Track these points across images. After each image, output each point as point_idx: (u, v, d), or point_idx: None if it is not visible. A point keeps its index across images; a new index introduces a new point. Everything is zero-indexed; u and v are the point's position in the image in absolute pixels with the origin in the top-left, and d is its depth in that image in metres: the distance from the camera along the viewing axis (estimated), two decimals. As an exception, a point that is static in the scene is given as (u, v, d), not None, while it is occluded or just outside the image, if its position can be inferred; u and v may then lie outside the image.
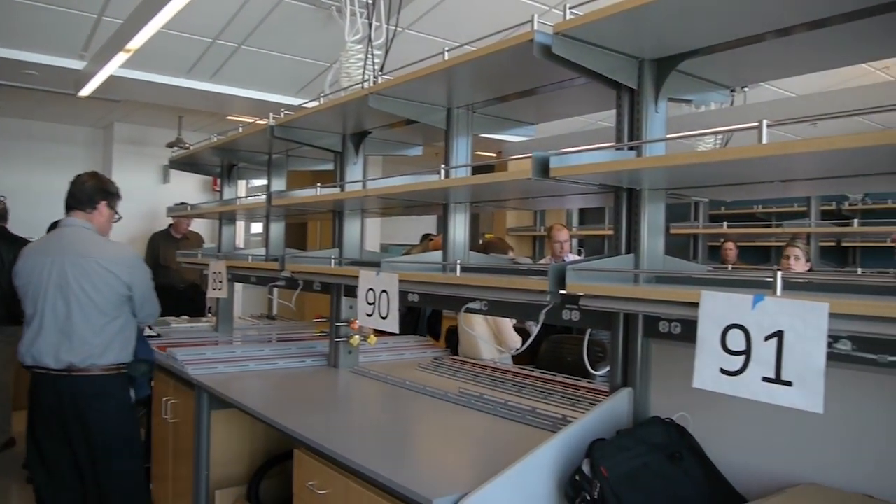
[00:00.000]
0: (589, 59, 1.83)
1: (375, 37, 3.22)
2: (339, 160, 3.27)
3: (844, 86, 5.41)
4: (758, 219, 7.08)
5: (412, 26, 4.23)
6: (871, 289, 1.59)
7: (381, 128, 3.11)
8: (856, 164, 1.61)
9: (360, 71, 3.16)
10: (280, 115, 3.15)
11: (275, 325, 4.72)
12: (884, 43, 1.80)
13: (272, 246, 3.75)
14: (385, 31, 3.25)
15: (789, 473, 1.68)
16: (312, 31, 4.33)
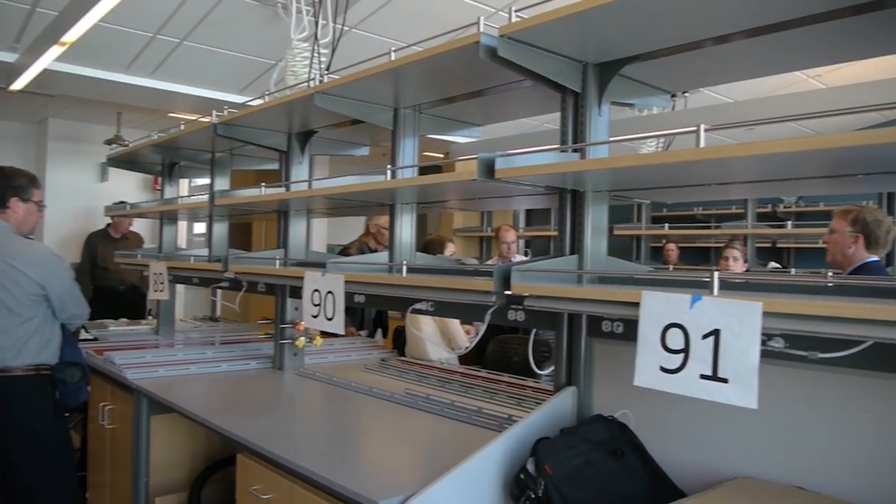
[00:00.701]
0: (534, 62, 1.85)
1: (322, 35, 3.19)
2: (285, 160, 3.23)
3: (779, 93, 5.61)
4: (698, 220, 7.28)
5: (359, 26, 4.20)
6: (804, 288, 1.65)
7: (328, 127, 3.08)
8: (789, 168, 1.67)
9: (306, 69, 3.13)
10: (224, 113, 3.09)
11: (218, 327, 4.63)
12: (815, 52, 1.88)
13: (215, 246, 3.67)
14: (332, 29, 3.22)
15: (726, 467, 1.73)
16: (257, 27, 4.26)
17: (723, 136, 5.15)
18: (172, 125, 3.64)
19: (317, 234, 7.39)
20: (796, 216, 6.67)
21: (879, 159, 1.49)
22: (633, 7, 1.58)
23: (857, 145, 1.27)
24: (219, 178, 3.80)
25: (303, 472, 1.86)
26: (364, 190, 2.35)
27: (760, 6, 1.57)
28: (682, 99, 5.23)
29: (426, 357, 3.82)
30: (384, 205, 2.76)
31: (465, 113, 2.73)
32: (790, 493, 1.57)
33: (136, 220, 6.78)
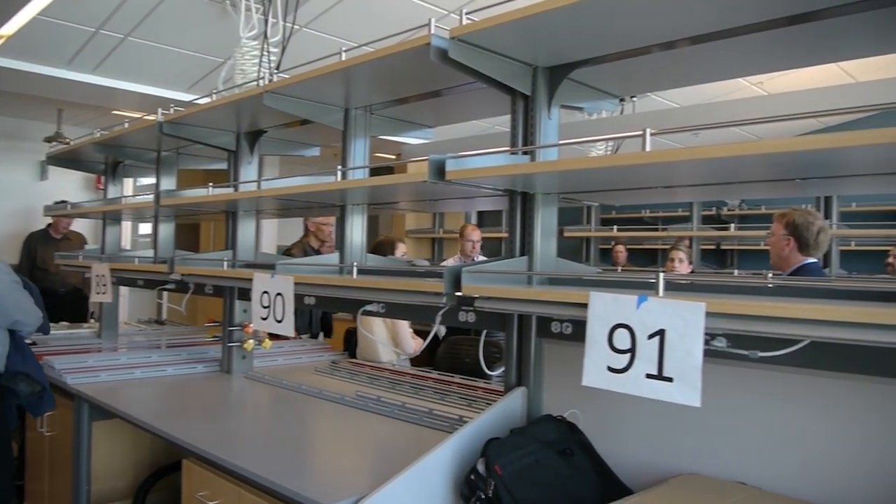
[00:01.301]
0: (484, 65, 1.86)
1: (272, 34, 3.16)
2: (233, 159, 3.17)
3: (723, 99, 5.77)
4: (646, 223, 7.44)
5: (310, 25, 4.16)
6: (745, 289, 1.70)
7: (277, 127, 3.05)
8: (732, 172, 1.72)
9: (256, 68, 3.09)
10: (170, 112, 3.02)
11: (164, 330, 4.52)
12: (756, 60, 1.94)
13: (161, 247, 3.59)
14: (282, 28, 3.19)
15: (672, 465, 1.77)
16: (205, 24, 4.18)
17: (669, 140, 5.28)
18: (116, 123, 3.54)
19: (266, 235, 7.29)
20: (739, 219, 6.88)
21: (816, 164, 1.55)
22: (582, 12, 1.60)
23: (795, 151, 1.32)
24: (165, 178, 3.71)
25: (250, 476, 1.83)
26: (314, 191, 2.33)
27: (704, 14, 1.61)
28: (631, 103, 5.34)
29: (377, 359, 3.80)
30: (335, 206, 2.74)
31: (417, 114, 2.72)
32: (732, 488, 1.61)
33: (78, 220, 6.58)
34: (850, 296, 1.52)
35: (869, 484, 1.48)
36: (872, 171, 1.63)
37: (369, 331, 3.89)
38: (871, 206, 6.09)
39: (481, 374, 2.85)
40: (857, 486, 1.49)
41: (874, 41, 1.73)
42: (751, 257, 6.83)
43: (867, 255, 5.91)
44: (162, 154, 3.69)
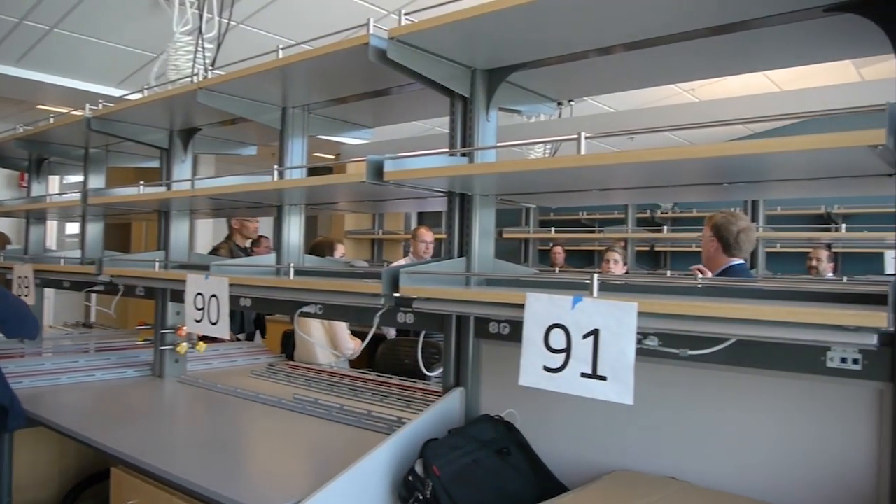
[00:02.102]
0: (423, 66, 1.87)
1: (207, 29, 3.08)
2: (166, 157, 3.09)
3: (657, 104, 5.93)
4: (583, 225, 7.59)
5: (247, 21, 4.09)
6: (677, 290, 1.75)
7: (213, 125, 2.98)
8: (664, 176, 1.77)
9: (190, 64, 3.01)
10: (98, 107, 2.92)
11: (92, 333, 4.35)
12: (690, 67, 2.00)
13: (89, 248, 3.46)
14: (217, 23, 3.12)
15: (605, 461, 1.80)
16: (137, 18, 4.06)
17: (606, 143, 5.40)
18: (41, 118, 3.40)
19: (201, 236, 7.11)
20: (672, 221, 7.09)
21: (742, 169, 1.61)
22: (519, 16, 1.62)
23: (723, 156, 1.37)
24: (93, 176, 3.58)
25: (183, 483, 1.78)
26: (250, 190, 2.28)
27: (639, 21, 1.65)
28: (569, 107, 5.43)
29: (315, 361, 3.75)
30: (272, 206, 2.70)
31: (356, 114, 2.71)
32: (663, 483, 1.65)
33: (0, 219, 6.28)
34: (774, 296, 1.58)
35: (792, 476, 1.54)
36: (795, 176, 1.70)
37: (307, 333, 3.84)
38: (795, 209, 6.37)
39: (421, 376, 2.85)
40: (782, 479, 1.55)
41: (797, 52, 1.81)
42: (683, 258, 7.04)
43: (792, 256, 6.17)
44: (90, 151, 3.56)
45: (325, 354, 3.86)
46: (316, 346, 3.85)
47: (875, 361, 1.40)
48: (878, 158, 1.27)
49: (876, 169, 1.40)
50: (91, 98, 3.14)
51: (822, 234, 6.14)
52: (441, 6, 1.74)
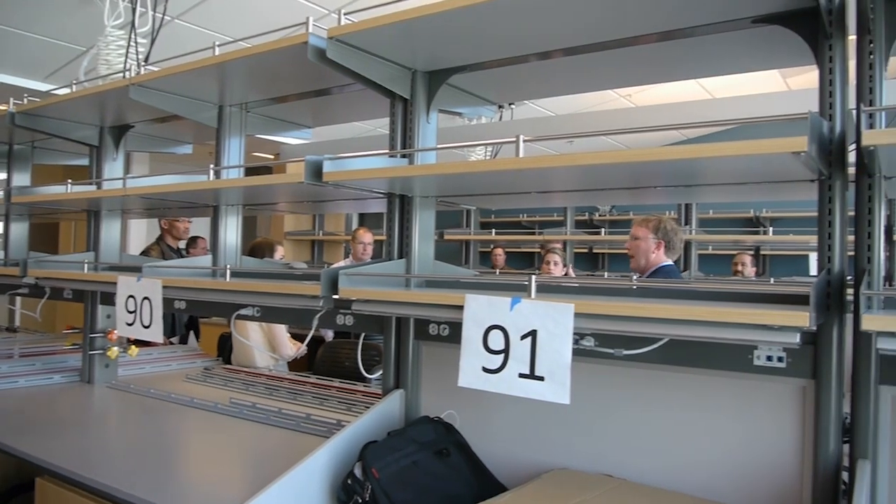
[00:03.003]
0: (363, 67, 1.86)
1: (140, 24, 2.99)
2: (96, 155, 2.98)
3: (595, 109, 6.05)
4: (523, 227, 7.69)
5: (183, 16, 3.99)
6: (613, 291, 1.79)
7: (146, 122, 2.89)
8: (601, 179, 1.80)
9: (122, 59, 2.91)
10: (23, 102, 2.80)
11: (16, 338, 4.16)
12: (627, 73, 2.04)
13: (13, 249, 3.32)
14: (151, 18, 3.03)
15: (543, 460, 1.82)
16: (65, 10, 3.91)
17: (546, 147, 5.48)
18: (-40, 112, 3.24)
19: (135, 236, 6.90)
20: (610, 224, 7.24)
21: (676, 173, 1.66)
22: (459, 19, 1.63)
23: (658, 160, 1.40)
24: (17, 173, 3.43)
25: (112, 493, 1.72)
26: (185, 190, 2.23)
27: (577, 27, 1.68)
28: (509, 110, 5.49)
29: (253, 364, 3.68)
30: (208, 206, 2.63)
31: (296, 114, 2.67)
32: (599, 480, 1.68)
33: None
34: (706, 297, 1.63)
35: (723, 470, 1.59)
36: (726, 180, 1.76)
37: (245, 335, 3.77)
38: (726, 213, 6.60)
39: (361, 378, 2.83)
40: (713, 473, 1.60)
41: (728, 61, 1.87)
42: (621, 260, 7.20)
43: (724, 258, 6.39)
44: (14, 147, 3.41)
45: (264, 357, 3.80)
46: (254, 349, 3.78)
47: (798, 359, 1.46)
48: (801, 164, 1.33)
49: (800, 174, 1.46)
50: (16, 92, 3.01)
51: (750, 237, 6.38)
52: (381, 7, 1.73)
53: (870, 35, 1.40)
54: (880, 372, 1.40)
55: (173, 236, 4.72)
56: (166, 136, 3.17)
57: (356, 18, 1.78)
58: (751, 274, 5.45)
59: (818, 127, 1.35)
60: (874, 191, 1.40)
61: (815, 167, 1.38)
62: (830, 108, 1.45)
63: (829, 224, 1.44)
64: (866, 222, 1.40)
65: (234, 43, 2.14)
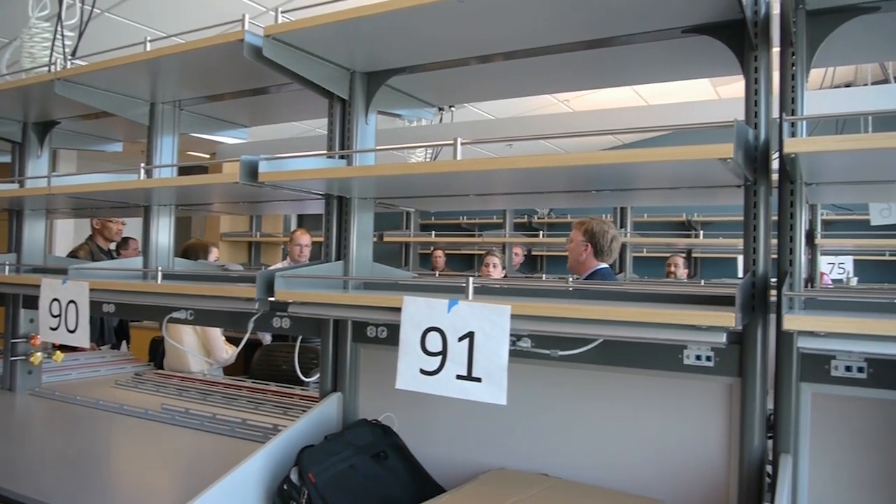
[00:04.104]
0: (300, 66, 1.83)
1: (67, 16, 2.88)
2: (19, 152, 2.86)
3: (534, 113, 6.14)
4: (463, 229, 7.73)
5: (113, 10, 3.86)
6: (550, 293, 1.81)
7: (73, 118, 2.79)
8: (538, 182, 1.82)
9: (47, 52, 2.79)
10: (-63, 94, 2.66)
11: (-70, 343, 3.95)
12: (565, 78, 2.08)
13: (-76, 249, 3.14)
14: (79, 10, 2.91)
15: (482, 461, 1.84)
16: (-13, 0, 3.73)
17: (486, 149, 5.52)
18: None
19: (61, 237, 6.64)
20: (548, 226, 7.35)
21: (611, 177, 1.69)
22: (398, 21, 1.63)
23: (591, 164, 1.43)
24: (-69, 170, 3.25)
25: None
26: (114, 189, 2.15)
27: (515, 32, 1.70)
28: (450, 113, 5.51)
29: (187, 369, 3.59)
30: (139, 206, 2.55)
31: (231, 112, 2.62)
32: (535, 480, 1.70)
33: None
34: (640, 298, 1.67)
35: (655, 466, 1.64)
36: (658, 185, 1.81)
37: (178, 339, 3.66)
38: (660, 216, 6.78)
39: (298, 382, 2.79)
40: (646, 469, 1.64)
41: (660, 69, 1.92)
42: (559, 262, 7.32)
43: (657, 260, 6.56)
44: (-72, 142, 3.23)
45: (198, 362, 3.70)
46: (187, 353, 3.68)
47: (725, 358, 1.52)
48: (728, 170, 1.38)
49: (727, 180, 1.51)
50: (-70, 84, 2.84)
51: (683, 240, 6.58)
52: (320, 6, 1.72)
53: (792, 48, 1.46)
54: (801, 370, 1.46)
55: (105, 237, 4.56)
56: (95, 134, 3.06)
57: (294, 17, 1.76)
58: (683, 276, 5.62)
59: (744, 135, 1.40)
60: (796, 196, 1.46)
61: (741, 173, 1.43)
62: (756, 116, 1.51)
63: (753, 228, 1.50)
64: (788, 226, 1.46)
65: (167, 38, 2.08)
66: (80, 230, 7.28)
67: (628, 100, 5.93)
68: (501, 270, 4.97)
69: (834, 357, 1.43)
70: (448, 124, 5.50)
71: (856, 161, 1.34)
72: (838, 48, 1.55)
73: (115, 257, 4.73)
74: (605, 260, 3.29)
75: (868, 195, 2.52)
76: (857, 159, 1.32)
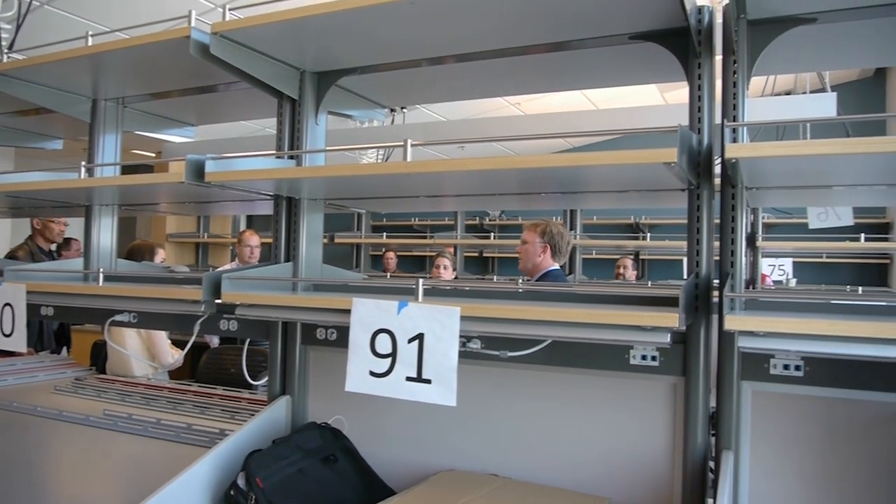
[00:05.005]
0: (249, 65, 1.80)
1: (4, 8, 2.78)
2: (-49, 148, 2.75)
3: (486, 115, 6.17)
4: (415, 231, 7.72)
5: (53, 3, 3.74)
6: (500, 294, 1.83)
7: (9, 114, 2.69)
8: (490, 184, 1.83)
9: (-18, 46, 2.69)
10: None
11: None
12: (516, 81, 2.10)
13: None
14: (17, 2, 2.82)
15: (432, 463, 1.84)
16: (-83, -11, 3.57)
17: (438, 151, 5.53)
18: None
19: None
20: (499, 228, 7.40)
21: (559, 180, 1.71)
22: (348, 21, 1.62)
23: (540, 167, 1.45)
24: None
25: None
26: (53, 189, 2.08)
27: (466, 34, 1.71)
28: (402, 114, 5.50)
29: (130, 373, 3.49)
30: (80, 206, 2.48)
31: (178, 111, 2.56)
32: (485, 480, 1.71)
33: None
34: (588, 299, 1.69)
35: (603, 465, 1.66)
36: (606, 188, 1.84)
37: (121, 343, 3.56)
38: (609, 219, 6.90)
39: (246, 385, 2.74)
40: (594, 468, 1.67)
41: (609, 74, 1.96)
42: (510, 264, 7.38)
43: (606, 262, 6.67)
44: None
45: (142, 366, 3.61)
46: (131, 357, 3.59)
47: (670, 358, 1.55)
48: (672, 175, 1.41)
49: (672, 184, 1.55)
50: None
51: (631, 243, 6.70)
52: (269, 4, 1.69)
53: (734, 56, 1.50)
54: (742, 369, 1.50)
55: (46, 238, 4.41)
56: (33, 130, 2.96)
57: (243, 15, 1.73)
58: (631, 277, 5.72)
59: (688, 140, 1.43)
60: (737, 200, 1.50)
61: (685, 177, 1.46)
62: (699, 122, 1.55)
63: (697, 231, 1.54)
64: (730, 229, 1.50)
65: (110, 33, 2.03)
66: (19, 230, 7.03)
67: (579, 104, 6.01)
68: (453, 272, 4.98)
69: (773, 356, 1.47)
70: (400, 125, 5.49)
71: (794, 166, 1.39)
72: (778, 57, 1.61)
73: (56, 258, 4.58)
74: (559, 261, 3.34)
75: (806, 199, 2.61)
76: (795, 165, 1.37)
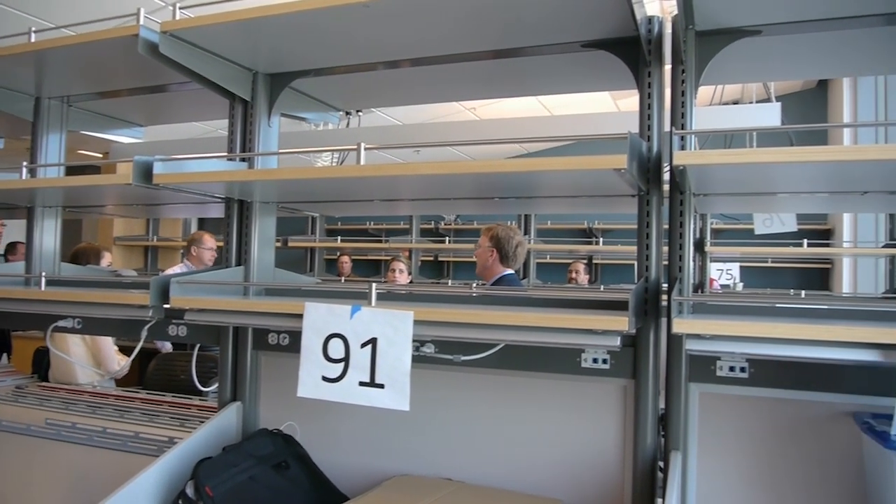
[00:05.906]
0: (200, 65, 1.77)
1: (-59, 2, 2.68)
2: None
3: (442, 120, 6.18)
4: (370, 234, 7.69)
5: (-5, -2, 3.62)
6: (454, 298, 1.83)
7: (-54, 112, 2.59)
8: (444, 189, 1.84)
9: (-83, 40, 2.59)
10: None
11: None
12: (472, 87, 2.11)
13: None
14: (-45, -3, 2.72)
15: (386, 468, 1.83)
16: None
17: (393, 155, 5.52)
18: None
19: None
20: (455, 232, 7.42)
21: (513, 185, 1.73)
22: (302, 22, 1.60)
23: (494, 172, 1.45)
24: None
25: None
26: (-8, 189, 2.01)
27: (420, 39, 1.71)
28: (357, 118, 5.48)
29: (75, 381, 3.38)
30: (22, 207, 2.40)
31: (126, 110, 2.50)
32: (439, 484, 1.71)
33: None
34: (542, 303, 1.71)
35: (555, 467, 1.68)
36: (560, 193, 1.86)
37: (64, 350, 3.45)
38: (563, 224, 6.98)
39: (196, 392, 2.69)
40: (546, 470, 1.68)
41: (562, 81, 1.98)
42: (466, 268, 7.40)
43: (560, 266, 6.74)
44: None
45: (87, 373, 3.50)
46: (75, 364, 3.48)
47: (620, 360, 1.58)
48: (623, 181, 1.43)
49: (623, 189, 1.57)
50: None
51: (584, 247, 6.79)
52: (220, 3, 1.67)
53: (682, 65, 1.54)
54: (689, 371, 1.53)
55: None
56: (-28, 129, 2.86)
57: (194, 14, 1.70)
58: (584, 281, 5.79)
59: (637, 147, 1.46)
60: (685, 206, 1.54)
61: (636, 183, 1.49)
62: (649, 129, 1.58)
63: (646, 236, 1.57)
64: (678, 235, 1.53)
65: (55, 30, 1.97)
66: (-44, 232, 6.76)
67: (533, 110, 6.07)
68: (408, 276, 4.97)
69: (719, 358, 1.51)
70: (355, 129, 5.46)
71: (740, 174, 1.43)
72: (725, 68, 1.65)
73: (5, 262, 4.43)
74: (511, 266, 3.35)
75: (752, 206, 2.68)
76: (741, 172, 1.40)
